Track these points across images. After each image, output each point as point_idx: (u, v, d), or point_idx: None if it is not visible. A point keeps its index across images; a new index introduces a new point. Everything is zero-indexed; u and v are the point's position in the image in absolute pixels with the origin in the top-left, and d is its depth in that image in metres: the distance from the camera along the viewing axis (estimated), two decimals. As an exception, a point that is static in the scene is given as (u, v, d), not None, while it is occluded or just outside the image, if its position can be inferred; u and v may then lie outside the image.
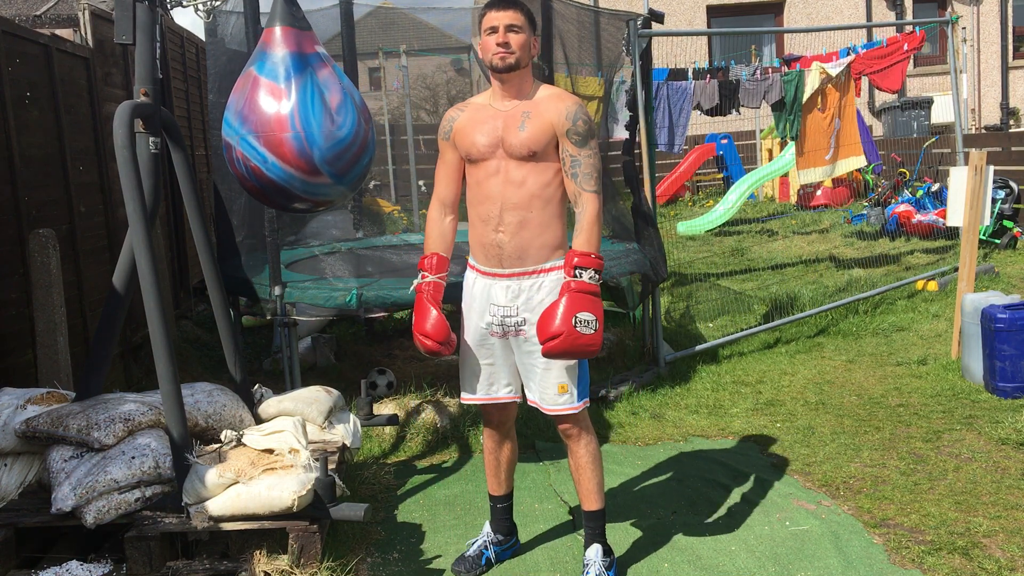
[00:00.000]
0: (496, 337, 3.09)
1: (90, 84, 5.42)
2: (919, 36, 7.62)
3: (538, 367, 3.04)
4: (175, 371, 3.19)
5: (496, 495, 3.37)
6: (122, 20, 3.40)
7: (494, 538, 3.36)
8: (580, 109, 2.95)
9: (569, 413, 3.06)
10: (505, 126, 2.98)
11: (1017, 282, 7.63)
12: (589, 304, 2.83)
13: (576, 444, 3.11)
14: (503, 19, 2.93)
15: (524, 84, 3.01)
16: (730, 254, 10.19)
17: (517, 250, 2.99)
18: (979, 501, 3.64)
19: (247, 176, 3.37)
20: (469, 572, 3.27)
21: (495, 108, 3.03)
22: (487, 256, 3.06)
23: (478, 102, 3.11)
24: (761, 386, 5.43)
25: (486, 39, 2.96)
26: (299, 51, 3.33)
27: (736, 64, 7.18)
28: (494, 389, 3.18)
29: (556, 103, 2.96)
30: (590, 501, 3.15)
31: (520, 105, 2.99)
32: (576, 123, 2.93)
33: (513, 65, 2.94)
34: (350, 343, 6.54)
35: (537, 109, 2.96)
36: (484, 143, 3.00)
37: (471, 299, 3.15)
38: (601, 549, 3.15)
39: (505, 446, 3.31)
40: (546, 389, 3.05)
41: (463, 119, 3.09)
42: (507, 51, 2.92)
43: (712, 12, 16.48)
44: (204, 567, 3.06)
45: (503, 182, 2.98)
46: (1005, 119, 16.53)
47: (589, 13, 6.40)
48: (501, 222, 2.99)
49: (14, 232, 4.29)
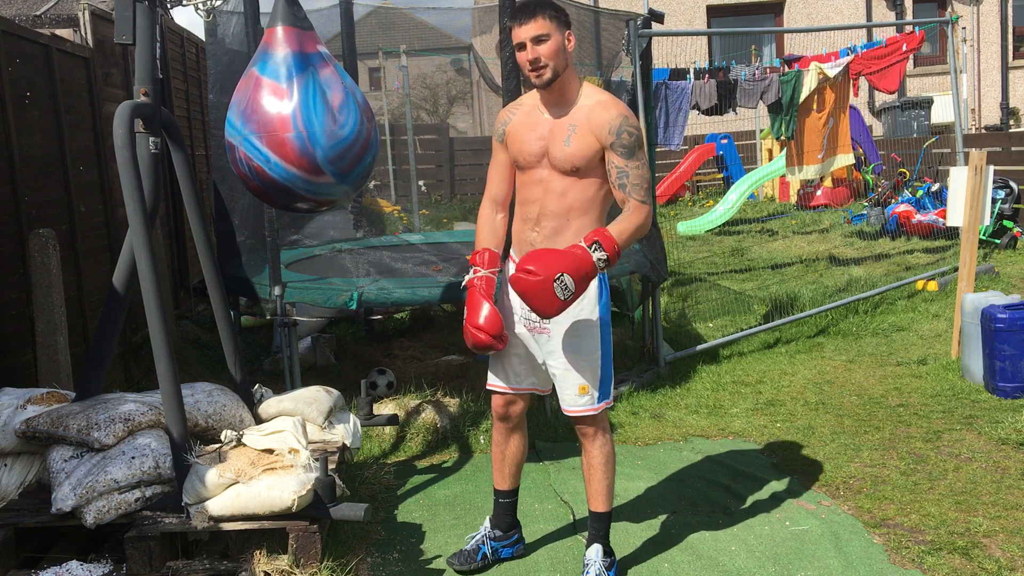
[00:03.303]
0: (526, 330, 3.11)
1: (90, 84, 5.42)
2: (918, 36, 7.62)
3: (559, 367, 3.06)
4: (175, 371, 3.19)
5: (499, 489, 3.38)
6: (122, 20, 3.40)
7: (492, 533, 3.37)
8: (625, 121, 2.90)
9: (587, 415, 3.07)
10: (552, 136, 2.96)
11: (1017, 282, 7.63)
12: (579, 273, 2.75)
13: (591, 444, 3.12)
14: (528, 32, 2.86)
15: (568, 88, 2.96)
16: (730, 254, 10.19)
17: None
18: (979, 501, 3.64)
19: (250, 176, 3.37)
20: (463, 565, 3.29)
21: (544, 116, 3.01)
22: (521, 251, 3.09)
23: (529, 103, 3.08)
24: (761, 386, 5.43)
25: (518, 55, 2.92)
26: (301, 51, 3.34)
27: (736, 64, 7.18)
28: (517, 380, 3.19)
29: (601, 114, 2.91)
30: (597, 502, 3.16)
31: (568, 115, 2.96)
32: (621, 136, 2.89)
33: (551, 79, 2.89)
34: (350, 343, 6.54)
35: (583, 122, 2.92)
36: (531, 152, 3.01)
37: (507, 287, 3.15)
38: (602, 549, 3.15)
39: (512, 441, 3.31)
40: (566, 390, 3.07)
41: (515, 123, 3.08)
42: (539, 67, 2.87)
43: (712, 12, 16.49)
44: (204, 567, 3.06)
45: (544, 191, 3.00)
46: (1005, 119, 16.53)
47: (589, 13, 6.41)
48: (538, 224, 3.02)
49: (14, 232, 4.29)
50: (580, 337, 3.02)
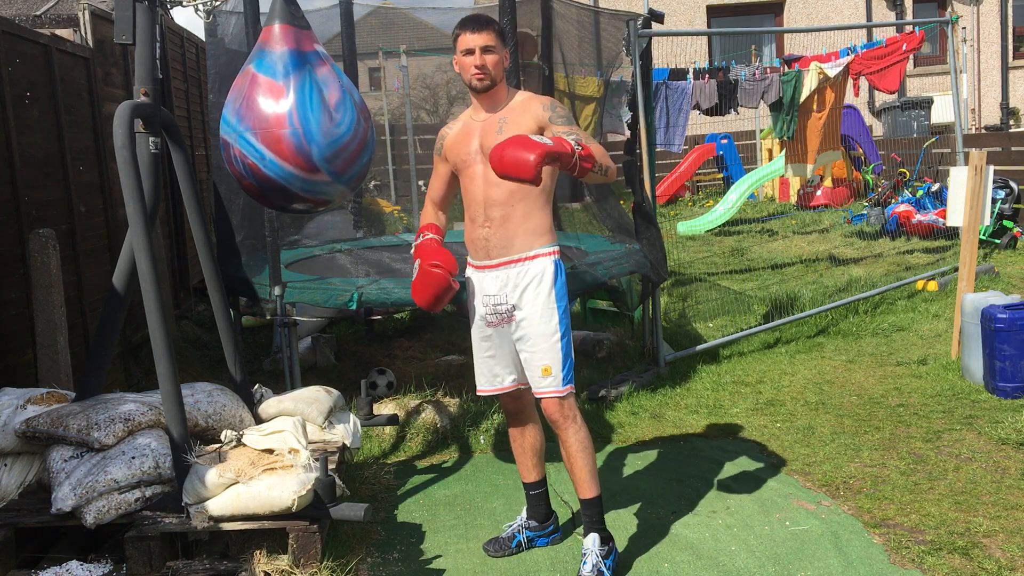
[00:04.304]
0: (492, 328, 3.25)
1: (90, 84, 5.41)
2: (918, 36, 7.62)
3: (524, 351, 3.18)
4: (175, 371, 3.19)
5: (527, 481, 3.48)
6: (122, 20, 3.40)
7: (527, 523, 3.46)
8: (553, 102, 3.18)
9: (554, 395, 3.15)
10: (484, 132, 3.18)
11: (1017, 282, 7.63)
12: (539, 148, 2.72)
13: (564, 432, 3.19)
14: (478, 41, 3.11)
15: (499, 94, 3.21)
16: (730, 254, 10.19)
17: (503, 241, 3.17)
18: (979, 501, 3.64)
19: (244, 174, 3.35)
20: (497, 552, 3.41)
21: (475, 121, 3.25)
22: (476, 250, 3.27)
23: (463, 119, 3.32)
24: (761, 386, 5.43)
25: (462, 59, 3.16)
26: (298, 49, 3.33)
27: (736, 64, 7.18)
28: (499, 380, 3.34)
29: (530, 103, 3.17)
30: (583, 489, 3.22)
31: (497, 113, 3.19)
32: (556, 110, 3.13)
33: (490, 85, 3.15)
34: (350, 343, 6.54)
35: (512, 114, 3.16)
36: (467, 151, 3.22)
37: (471, 295, 3.31)
38: (599, 538, 3.19)
39: (527, 432, 3.42)
40: (532, 371, 3.19)
41: (451, 136, 3.31)
42: (484, 73, 3.13)
43: (712, 12, 16.49)
44: (204, 567, 3.06)
45: (484, 183, 3.17)
46: (1005, 119, 16.53)
47: (589, 13, 6.41)
48: (487, 218, 3.18)
49: (14, 232, 4.29)
50: (539, 319, 3.15)
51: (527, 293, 3.15)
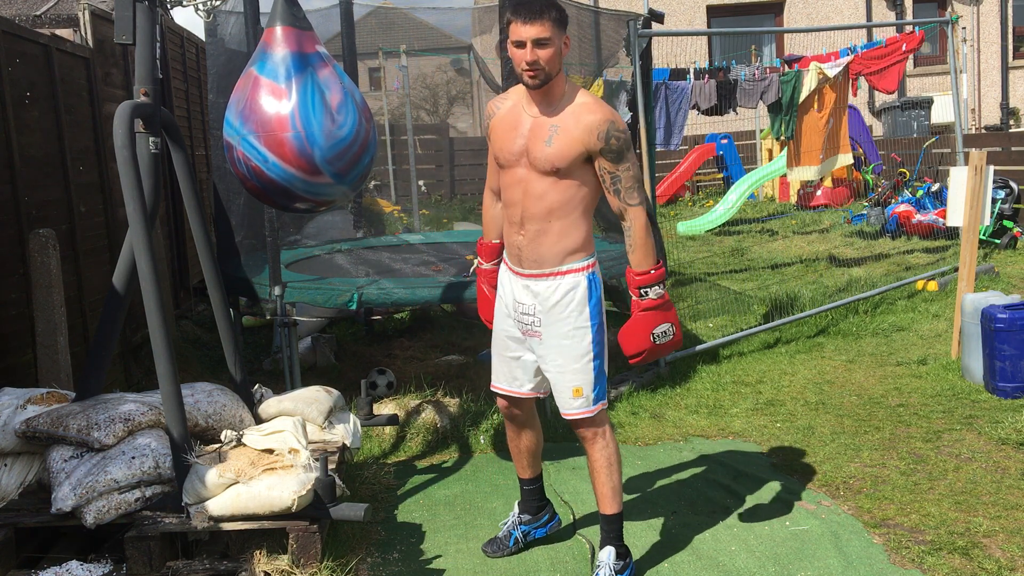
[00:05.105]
0: (520, 333, 3.12)
1: (90, 84, 5.41)
2: (918, 36, 7.62)
3: (551, 371, 3.06)
4: (175, 371, 3.19)
5: (522, 477, 3.45)
6: (122, 20, 3.40)
7: (521, 518, 3.43)
8: (612, 125, 2.84)
9: (584, 417, 3.07)
10: (532, 136, 2.91)
11: (1017, 282, 7.63)
12: (661, 317, 2.96)
13: (592, 447, 3.11)
14: (531, 33, 2.76)
15: (554, 90, 2.90)
16: (730, 254, 10.19)
17: (534, 254, 2.99)
18: (979, 501, 3.64)
19: (248, 176, 3.37)
20: (495, 553, 3.38)
21: (527, 113, 2.95)
22: (510, 254, 3.10)
23: (514, 98, 3.01)
24: (761, 386, 5.43)
25: (514, 51, 2.83)
26: (300, 51, 3.34)
27: (736, 64, 7.18)
28: (518, 384, 3.21)
29: (587, 118, 2.85)
30: (604, 504, 3.15)
31: (551, 115, 2.89)
32: (609, 142, 2.84)
33: (543, 82, 2.84)
34: (350, 343, 6.54)
35: (567, 124, 2.86)
36: (511, 150, 2.96)
37: (501, 290, 3.18)
38: (614, 552, 3.12)
39: (524, 435, 3.36)
40: (561, 393, 3.06)
41: (498, 117, 3.04)
42: (536, 69, 2.80)
43: (712, 12, 16.49)
44: (204, 567, 3.06)
45: (524, 193, 2.95)
46: (1005, 119, 16.53)
47: (589, 13, 6.41)
48: (522, 227, 2.98)
49: (14, 232, 4.29)
50: (571, 339, 3.00)
51: (554, 311, 2.97)
